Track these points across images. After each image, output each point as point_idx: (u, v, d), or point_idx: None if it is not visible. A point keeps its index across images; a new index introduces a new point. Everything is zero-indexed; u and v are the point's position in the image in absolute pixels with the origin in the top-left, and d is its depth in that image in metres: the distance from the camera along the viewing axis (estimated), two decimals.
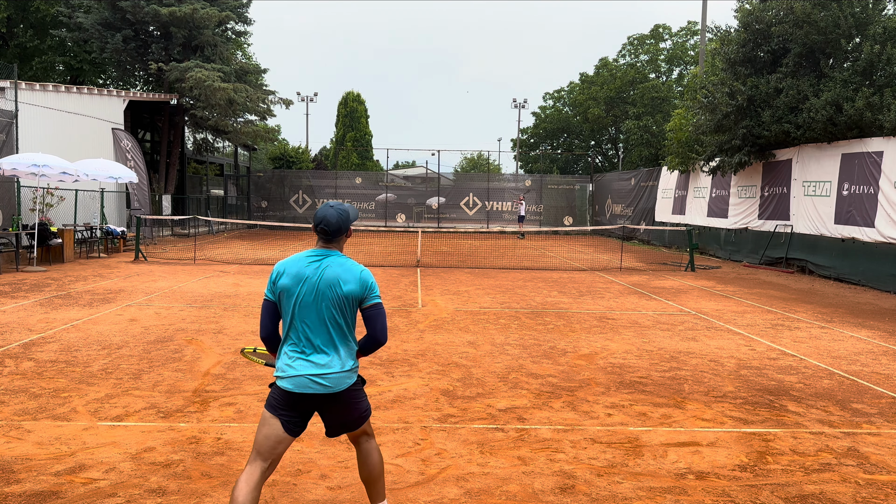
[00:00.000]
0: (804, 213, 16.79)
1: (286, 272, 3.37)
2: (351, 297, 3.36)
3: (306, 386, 3.29)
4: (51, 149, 17.04)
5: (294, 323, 3.35)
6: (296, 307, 3.33)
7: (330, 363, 3.33)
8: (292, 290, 3.34)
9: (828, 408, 5.92)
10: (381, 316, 3.43)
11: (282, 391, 3.33)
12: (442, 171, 38.98)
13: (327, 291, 3.32)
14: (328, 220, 3.38)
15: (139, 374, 6.45)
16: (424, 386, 6.29)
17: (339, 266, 3.37)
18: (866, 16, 15.80)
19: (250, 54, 42.06)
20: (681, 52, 43.25)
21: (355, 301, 3.39)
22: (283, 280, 3.37)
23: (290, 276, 3.35)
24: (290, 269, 3.37)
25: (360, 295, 3.38)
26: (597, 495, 4.09)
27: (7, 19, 30.31)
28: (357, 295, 3.37)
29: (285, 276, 3.37)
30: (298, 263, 3.38)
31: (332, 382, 3.33)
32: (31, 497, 3.90)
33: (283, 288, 3.35)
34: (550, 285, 13.71)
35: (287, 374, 3.31)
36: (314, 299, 3.32)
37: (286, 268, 3.39)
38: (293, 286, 3.34)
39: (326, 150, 52.06)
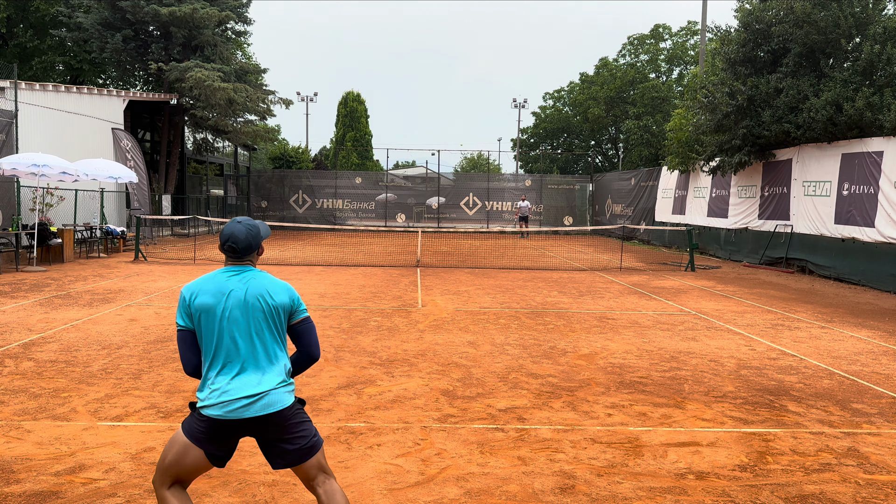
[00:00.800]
0: (804, 213, 16.79)
1: (202, 291, 3.07)
2: (281, 309, 3.13)
3: (240, 410, 2.97)
4: (51, 149, 17.04)
5: (220, 342, 3.04)
6: (222, 323, 3.04)
7: (264, 381, 3.03)
8: (215, 306, 3.04)
9: (828, 408, 5.92)
10: (312, 330, 3.24)
11: (209, 420, 2.99)
12: (442, 171, 39.00)
13: (257, 303, 3.08)
14: (236, 237, 3.12)
15: (139, 374, 6.45)
16: (424, 386, 6.29)
17: (263, 278, 3.16)
18: (866, 16, 15.80)
19: (250, 54, 42.07)
20: (681, 52, 43.26)
21: (285, 314, 3.16)
22: (200, 299, 3.05)
23: (209, 293, 3.06)
24: (205, 287, 3.08)
25: (289, 308, 3.16)
26: (597, 495, 4.09)
27: (7, 19, 30.31)
28: (287, 308, 3.15)
29: (202, 294, 3.06)
30: (215, 280, 3.11)
31: (269, 402, 3.01)
32: (31, 497, 3.90)
33: (203, 307, 3.04)
34: (550, 285, 13.71)
35: (216, 400, 2.97)
36: (243, 312, 3.06)
37: (200, 287, 3.09)
38: (215, 303, 3.04)
39: (326, 150, 52.06)
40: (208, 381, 3.04)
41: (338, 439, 4.90)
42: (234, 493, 4.00)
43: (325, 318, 9.50)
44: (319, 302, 10.94)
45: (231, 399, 2.98)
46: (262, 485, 4.13)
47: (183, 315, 3.09)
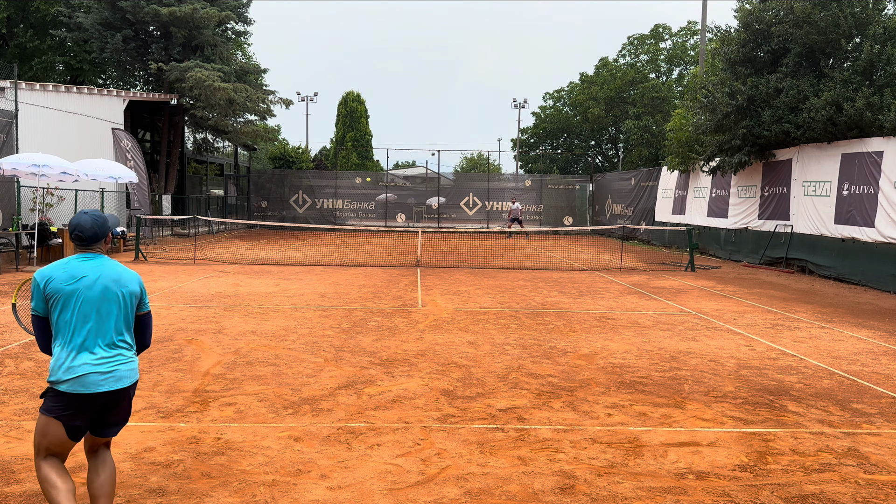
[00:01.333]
0: (804, 213, 16.79)
1: (55, 277, 3.31)
2: (131, 295, 3.44)
3: (96, 384, 3.26)
4: (51, 149, 17.03)
5: (75, 322, 3.28)
6: (76, 305, 3.29)
7: (118, 357, 3.36)
8: (69, 290, 3.29)
9: (828, 408, 5.92)
10: (150, 323, 3.60)
11: (67, 396, 3.23)
12: (442, 171, 39.01)
13: (111, 286, 3.37)
14: (82, 227, 3.38)
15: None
16: (424, 386, 6.29)
17: (114, 266, 3.44)
18: (866, 16, 15.80)
19: (250, 54, 42.08)
20: (681, 52, 43.26)
21: (134, 301, 3.46)
22: (54, 284, 3.29)
23: (63, 279, 3.30)
24: (58, 273, 3.32)
25: (138, 295, 3.49)
26: (597, 495, 4.09)
27: (7, 19, 30.31)
28: (137, 294, 3.48)
29: (55, 280, 3.30)
30: (68, 266, 3.35)
31: (122, 376, 3.35)
32: (31, 497, 3.90)
33: (57, 291, 3.28)
34: (550, 285, 13.71)
35: (71, 375, 3.23)
36: (98, 294, 3.33)
37: (52, 273, 3.32)
38: (69, 286, 3.29)
39: (326, 150, 52.06)
40: (60, 360, 3.27)
41: (338, 439, 4.90)
42: (234, 493, 4.00)
43: (325, 318, 9.51)
44: (319, 302, 10.94)
45: (87, 374, 3.25)
46: (262, 485, 4.13)
47: (38, 301, 3.33)
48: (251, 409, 5.53)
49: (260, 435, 4.95)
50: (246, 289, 12.31)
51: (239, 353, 7.37)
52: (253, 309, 10.18)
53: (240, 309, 10.17)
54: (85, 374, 3.24)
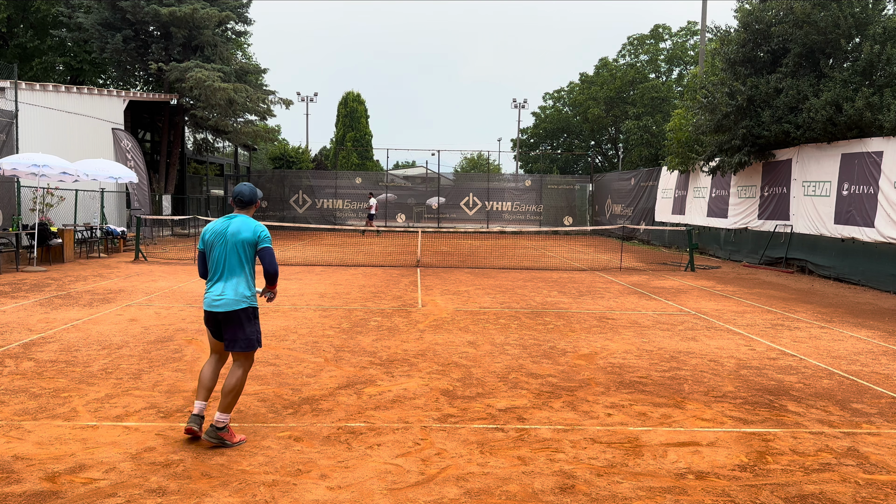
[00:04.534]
0: (804, 213, 16.79)
1: (209, 229, 4.88)
2: (243, 242, 4.75)
3: (210, 306, 4.75)
4: (51, 149, 17.04)
5: (213, 263, 4.80)
6: (214, 250, 4.79)
7: (228, 290, 4.73)
8: (211, 239, 4.82)
9: (828, 408, 5.92)
10: (267, 254, 4.79)
11: (204, 311, 4.81)
12: (442, 171, 39.00)
13: (230, 238, 4.76)
14: (243, 193, 4.89)
15: (139, 374, 6.46)
16: (424, 386, 6.29)
17: (241, 223, 4.81)
18: (866, 16, 15.80)
19: (250, 54, 42.07)
20: (681, 52, 43.27)
21: (250, 245, 4.77)
22: (208, 234, 4.85)
23: (212, 231, 4.84)
24: (212, 227, 4.87)
25: (253, 241, 4.77)
26: (597, 495, 4.09)
27: (7, 19, 30.30)
28: (251, 241, 4.77)
29: (209, 231, 4.86)
30: (217, 222, 4.88)
31: (226, 304, 4.71)
32: (31, 497, 3.90)
33: (208, 239, 4.83)
34: (550, 285, 13.71)
35: (205, 298, 4.79)
36: (224, 244, 4.77)
37: (210, 226, 4.90)
38: (213, 238, 4.82)
39: (326, 150, 52.06)
40: (207, 288, 4.84)
41: (338, 439, 4.90)
42: (234, 493, 4.00)
43: (325, 318, 9.51)
44: (319, 302, 10.94)
45: (208, 299, 4.78)
46: (262, 485, 4.13)
47: (201, 242, 4.91)
48: (251, 408, 5.53)
49: (260, 435, 4.95)
50: None
51: None
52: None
53: None
54: (209, 298, 4.77)
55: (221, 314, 4.70)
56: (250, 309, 4.78)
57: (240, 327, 4.72)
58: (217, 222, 4.85)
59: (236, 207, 4.90)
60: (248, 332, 4.76)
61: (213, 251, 4.78)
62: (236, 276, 4.73)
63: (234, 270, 4.73)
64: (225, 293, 4.71)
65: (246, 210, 4.90)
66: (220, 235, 4.77)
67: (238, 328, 4.72)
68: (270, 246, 4.81)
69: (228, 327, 4.73)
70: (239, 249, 4.72)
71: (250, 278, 4.80)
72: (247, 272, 4.78)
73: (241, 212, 4.89)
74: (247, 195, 4.88)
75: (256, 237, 4.76)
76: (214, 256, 4.76)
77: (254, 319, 4.81)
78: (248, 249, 4.75)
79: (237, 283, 4.73)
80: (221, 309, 4.69)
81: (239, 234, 4.73)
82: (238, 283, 4.73)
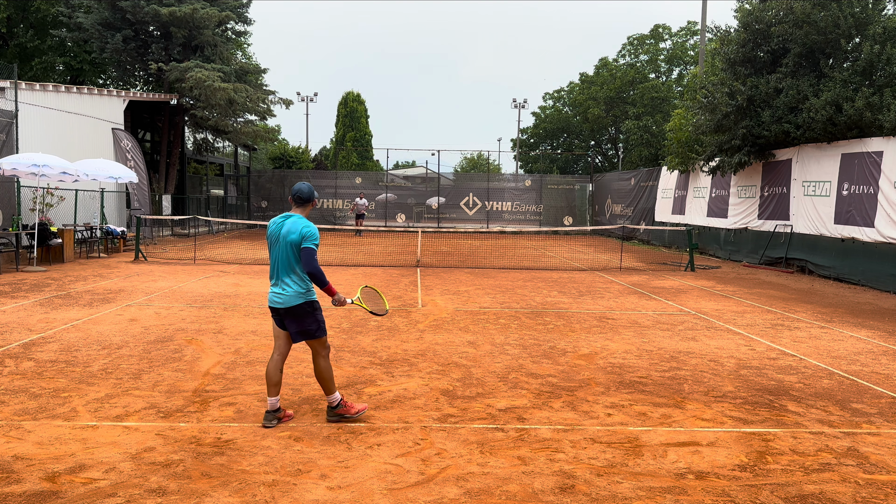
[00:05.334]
0: (804, 213, 16.79)
1: (269, 228, 5.24)
2: (291, 243, 5.05)
3: (272, 301, 5.15)
4: (51, 149, 17.04)
5: (272, 260, 5.20)
6: (272, 249, 5.19)
7: (282, 286, 5.10)
8: (271, 239, 5.19)
9: (828, 408, 5.92)
10: (305, 256, 5.00)
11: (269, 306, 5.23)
12: (442, 171, 38.99)
13: (282, 238, 5.10)
14: (302, 191, 5.24)
15: (139, 374, 6.46)
16: (424, 386, 6.29)
17: (292, 223, 5.11)
18: (866, 16, 15.80)
19: (250, 54, 42.07)
20: (681, 52, 43.26)
21: (293, 246, 5.05)
22: (268, 232, 5.25)
23: (270, 230, 5.22)
24: (270, 226, 5.23)
25: (297, 242, 5.03)
26: (597, 495, 4.09)
27: (7, 19, 30.31)
28: (296, 242, 5.04)
29: (268, 230, 5.24)
30: (275, 223, 5.22)
31: (283, 300, 5.08)
32: (31, 497, 3.90)
33: (268, 237, 5.24)
34: (550, 285, 13.71)
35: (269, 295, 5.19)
36: (277, 243, 5.13)
37: (270, 225, 5.23)
38: (270, 235, 5.20)
39: (326, 150, 52.05)
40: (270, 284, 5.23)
41: (338, 439, 4.90)
42: (234, 493, 4.00)
43: (325, 318, 9.49)
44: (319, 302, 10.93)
45: (270, 296, 5.18)
46: (262, 485, 4.13)
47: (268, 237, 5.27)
48: (251, 409, 5.53)
49: (260, 435, 4.95)
50: (246, 289, 12.31)
51: (239, 353, 7.38)
52: (253, 309, 10.18)
53: (240, 309, 10.17)
54: (270, 295, 5.17)
55: (282, 310, 5.09)
56: (306, 304, 5.08)
57: (300, 321, 5.09)
58: (275, 221, 5.21)
59: (294, 205, 5.22)
60: (307, 324, 5.11)
61: (271, 250, 5.19)
62: (289, 274, 5.06)
63: (287, 269, 5.06)
64: (281, 290, 5.07)
65: (302, 208, 5.21)
66: (275, 235, 5.14)
67: (298, 321, 5.09)
68: (311, 246, 5.02)
69: (289, 321, 5.11)
70: (289, 250, 5.04)
71: (303, 275, 5.08)
72: (298, 270, 5.07)
73: (297, 210, 5.21)
74: (305, 193, 5.20)
75: (301, 237, 5.03)
76: (272, 255, 5.18)
77: (311, 312, 5.12)
78: (295, 250, 5.04)
79: (291, 280, 5.06)
80: (279, 305, 5.08)
81: (289, 235, 5.04)
82: (291, 280, 5.06)
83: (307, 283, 5.11)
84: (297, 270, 5.06)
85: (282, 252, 5.07)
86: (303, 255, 5.00)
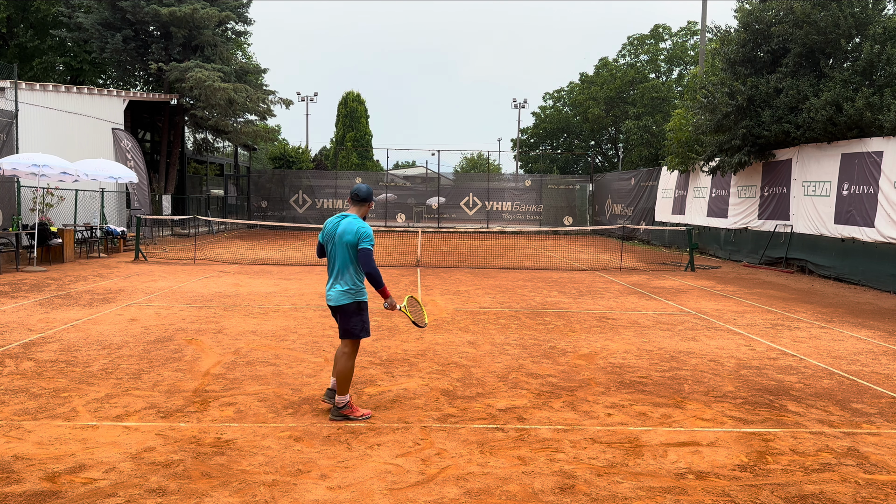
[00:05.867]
0: (804, 213, 16.79)
1: (325, 227, 5.45)
2: (347, 244, 5.21)
3: (328, 299, 5.36)
4: (51, 149, 17.04)
5: (329, 259, 5.39)
6: (329, 247, 5.38)
7: (336, 285, 5.28)
8: (326, 237, 5.40)
9: (828, 408, 5.92)
10: (364, 255, 5.18)
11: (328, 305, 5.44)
12: (442, 171, 38.99)
13: (337, 238, 5.27)
14: (361, 191, 5.39)
15: (139, 374, 6.46)
16: (424, 386, 6.29)
17: (347, 224, 5.27)
18: (866, 16, 15.79)
19: (250, 54, 42.05)
20: (681, 52, 43.25)
21: (351, 246, 5.21)
22: (324, 231, 5.44)
23: (327, 229, 5.42)
24: (327, 224, 5.43)
25: (354, 243, 5.20)
26: (597, 495, 4.09)
27: (7, 19, 30.31)
28: (352, 242, 5.20)
29: (325, 229, 5.44)
30: (332, 221, 5.40)
31: (336, 299, 5.28)
32: (31, 497, 3.90)
33: (324, 236, 5.43)
34: (550, 285, 13.71)
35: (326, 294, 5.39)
36: (333, 242, 5.32)
37: (326, 224, 5.44)
38: (327, 235, 5.40)
39: (326, 150, 52.05)
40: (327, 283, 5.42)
41: (338, 439, 4.90)
42: (234, 493, 4.00)
43: (325, 318, 9.51)
44: (319, 302, 10.94)
45: (326, 294, 5.38)
46: (262, 485, 4.13)
47: (321, 235, 5.46)
48: (251, 409, 5.53)
49: (260, 435, 4.95)
50: (246, 289, 12.31)
51: (239, 353, 7.37)
52: (253, 309, 10.18)
53: (240, 309, 10.17)
54: (326, 293, 5.37)
55: (333, 307, 5.33)
56: (354, 304, 5.26)
57: (346, 319, 5.28)
58: (332, 220, 5.38)
59: (351, 204, 5.38)
60: (352, 323, 5.28)
61: (328, 248, 5.39)
62: (343, 273, 5.26)
63: (341, 269, 5.26)
64: (333, 289, 5.29)
65: (358, 208, 5.36)
66: (331, 235, 5.33)
67: (345, 320, 5.29)
68: (368, 247, 5.20)
69: (338, 318, 5.35)
70: (344, 250, 5.22)
71: (356, 276, 5.27)
72: (352, 270, 5.25)
73: (353, 209, 5.36)
74: (363, 193, 5.36)
75: (357, 238, 5.19)
76: (328, 254, 5.38)
77: (358, 313, 5.29)
78: (351, 250, 5.21)
79: (343, 280, 5.25)
80: (331, 303, 5.32)
81: (344, 236, 5.21)
82: (344, 280, 5.25)
83: (358, 284, 5.28)
84: (351, 271, 5.24)
85: (337, 252, 5.25)
86: (360, 256, 5.18)
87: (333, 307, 5.32)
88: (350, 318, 5.27)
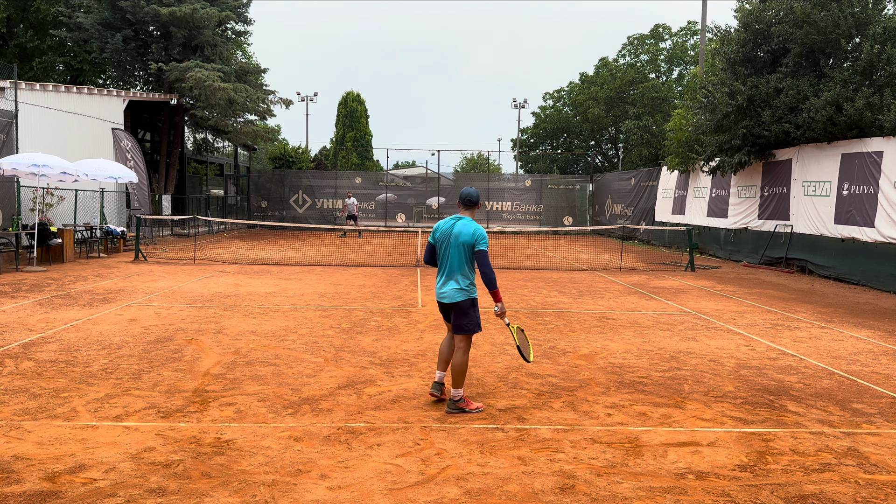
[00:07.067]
0: (804, 213, 16.79)
1: (438, 228, 5.67)
2: (463, 244, 5.49)
3: (440, 297, 5.60)
4: (51, 149, 17.03)
5: (441, 259, 5.62)
6: (442, 248, 5.59)
7: (451, 283, 5.53)
8: (440, 238, 5.61)
9: (828, 408, 5.92)
10: (481, 256, 5.45)
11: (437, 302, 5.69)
12: (442, 171, 38.99)
13: (453, 239, 5.52)
14: (471, 195, 5.66)
15: (139, 374, 6.45)
16: (424, 386, 6.29)
17: (462, 225, 5.54)
18: (866, 16, 15.79)
19: (250, 54, 42.03)
20: (681, 52, 43.25)
21: (468, 247, 5.49)
22: (437, 233, 5.65)
23: (440, 230, 5.64)
24: (440, 226, 5.66)
25: (470, 243, 5.48)
26: (597, 495, 4.09)
27: (7, 19, 30.30)
28: (468, 243, 5.48)
29: (438, 231, 5.66)
30: (447, 223, 5.63)
31: (450, 296, 5.51)
32: (31, 497, 3.90)
33: (437, 237, 5.64)
34: (550, 285, 13.70)
35: (436, 291, 5.64)
36: (448, 243, 5.55)
37: (438, 226, 5.68)
38: (441, 236, 5.60)
39: (326, 150, 52.05)
40: (437, 280, 5.66)
41: (338, 439, 4.90)
42: (234, 493, 4.00)
43: (325, 318, 9.51)
44: (319, 302, 10.94)
45: (439, 292, 5.62)
46: (262, 485, 4.13)
47: (432, 236, 5.68)
48: (251, 409, 5.53)
49: (260, 435, 4.95)
50: (246, 289, 12.31)
51: (239, 353, 7.37)
52: (253, 309, 10.18)
53: (240, 309, 10.17)
54: (437, 291, 5.62)
55: (448, 304, 5.54)
56: (468, 301, 5.50)
57: (461, 315, 5.50)
58: (445, 222, 5.64)
59: (462, 208, 5.66)
60: (466, 320, 5.50)
61: (441, 249, 5.60)
62: (456, 272, 5.50)
63: (455, 267, 5.51)
64: (447, 287, 5.52)
65: (470, 210, 5.65)
66: (445, 235, 5.56)
67: (459, 316, 5.51)
68: (485, 249, 5.46)
69: (452, 315, 5.55)
70: (461, 250, 5.48)
71: (470, 274, 5.54)
72: (466, 269, 5.52)
73: (465, 212, 5.64)
74: (474, 197, 5.66)
75: (474, 240, 5.47)
76: (441, 253, 5.60)
77: (471, 309, 5.52)
78: (466, 250, 5.48)
79: (457, 278, 5.50)
80: (445, 301, 5.54)
81: (460, 237, 5.47)
82: (458, 278, 5.50)
83: (470, 282, 5.53)
84: (465, 270, 5.51)
85: (453, 252, 5.50)
86: (478, 258, 5.44)
87: (448, 304, 5.52)
88: (465, 315, 5.48)
